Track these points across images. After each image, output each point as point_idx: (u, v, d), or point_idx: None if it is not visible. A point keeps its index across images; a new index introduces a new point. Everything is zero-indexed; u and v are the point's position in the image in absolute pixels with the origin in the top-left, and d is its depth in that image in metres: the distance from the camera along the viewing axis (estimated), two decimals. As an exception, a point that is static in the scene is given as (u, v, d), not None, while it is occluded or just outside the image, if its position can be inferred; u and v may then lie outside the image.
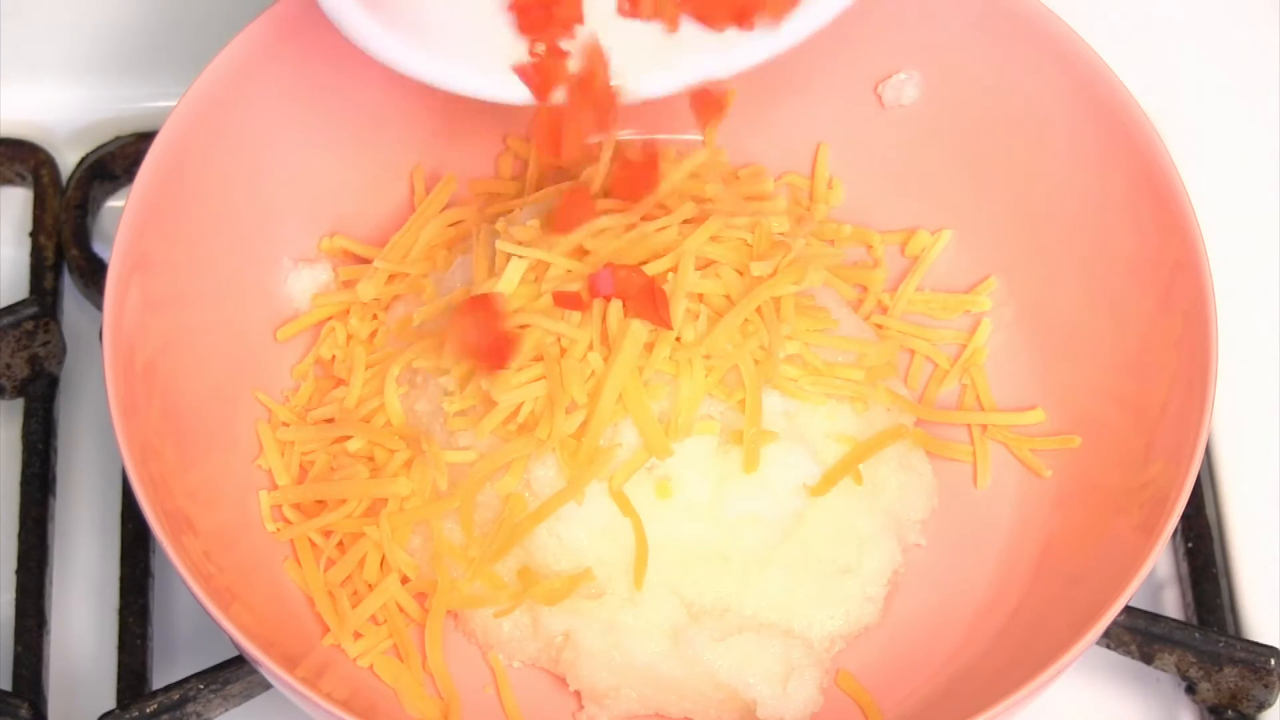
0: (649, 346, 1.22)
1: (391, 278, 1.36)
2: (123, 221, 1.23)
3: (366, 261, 1.37)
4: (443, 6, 1.12)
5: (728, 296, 1.25)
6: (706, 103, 1.22)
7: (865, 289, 1.39)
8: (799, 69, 1.39)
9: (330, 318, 1.36)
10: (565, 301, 1.23)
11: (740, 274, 1.26)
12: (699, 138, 1.37)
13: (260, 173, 1.33)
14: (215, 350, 1.31)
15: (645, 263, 1.24)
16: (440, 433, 1.26)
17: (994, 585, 1.30)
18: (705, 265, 1.26)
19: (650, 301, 1.23)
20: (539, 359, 1.23)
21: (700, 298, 1.25)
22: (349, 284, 1.37)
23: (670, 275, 1.24)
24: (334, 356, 1.35)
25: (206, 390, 1.30)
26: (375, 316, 1.36)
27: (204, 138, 1.28)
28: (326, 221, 1.38)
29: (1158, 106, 1.33)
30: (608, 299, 1.23)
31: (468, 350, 1.22)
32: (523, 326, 1.22)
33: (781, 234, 1.29)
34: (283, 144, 1.34)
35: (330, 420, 1.31)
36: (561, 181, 1.33)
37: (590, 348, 1.22)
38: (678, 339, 1.23)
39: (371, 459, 1.29)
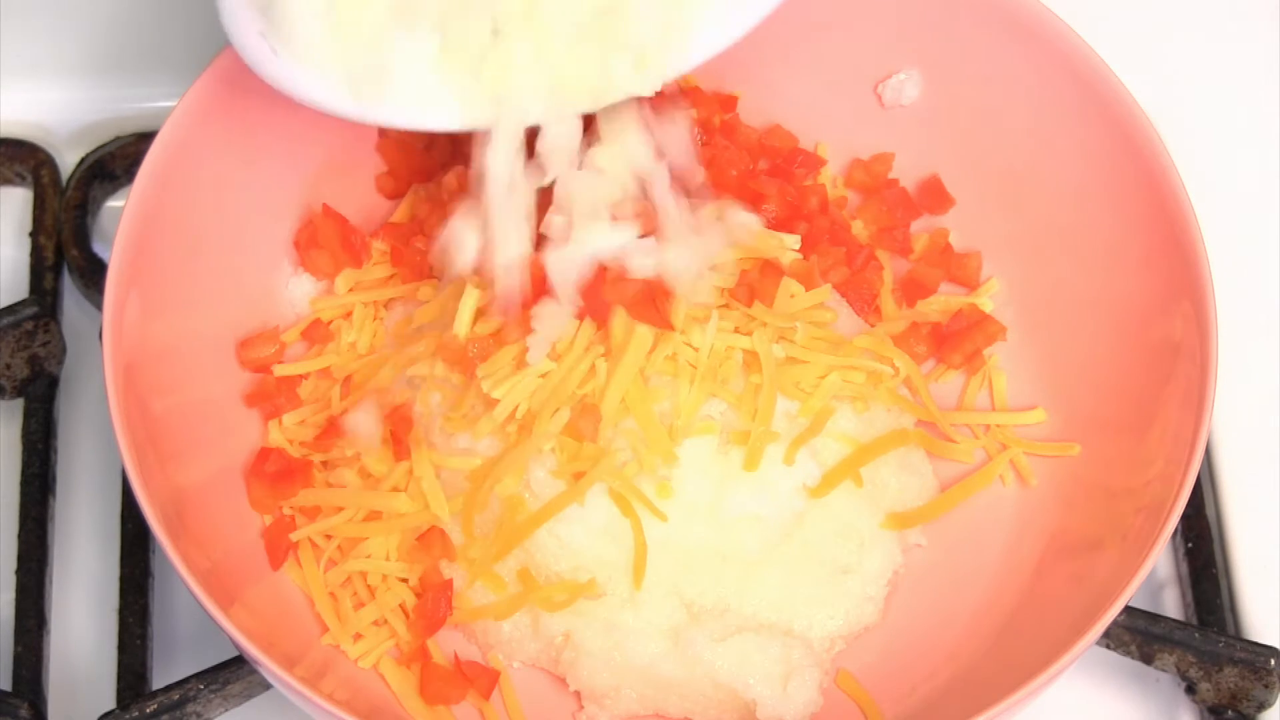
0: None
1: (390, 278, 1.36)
2: (122, 222, 1.23)
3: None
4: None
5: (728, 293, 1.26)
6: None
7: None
8: (799, 68, 1.40)
9: (330, 320, 1.36)
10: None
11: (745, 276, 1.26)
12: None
13: (260, 174, 1.33)
14: (215, 351, 1.31)
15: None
16: (439, 434, 1.26)
17: (994, 585, 1.30)
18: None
19: (650, 302, 1.23)
20: (538, 358, 1.23)
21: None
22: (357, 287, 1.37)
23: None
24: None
25: (206, 391, 1.30)
26: (376, 317, 1.35)
27: (204, 138, 1.28)
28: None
29: (1158, 106, 1.33)
30: (608, 308, 1.23)
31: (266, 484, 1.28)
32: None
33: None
34: (283, 145, 1.34)
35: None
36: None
37: (588, 348, 1.23)
38: (687, 343, 1.23)
39: (359, 458, 1.29)
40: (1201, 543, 1.37)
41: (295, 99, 1.16)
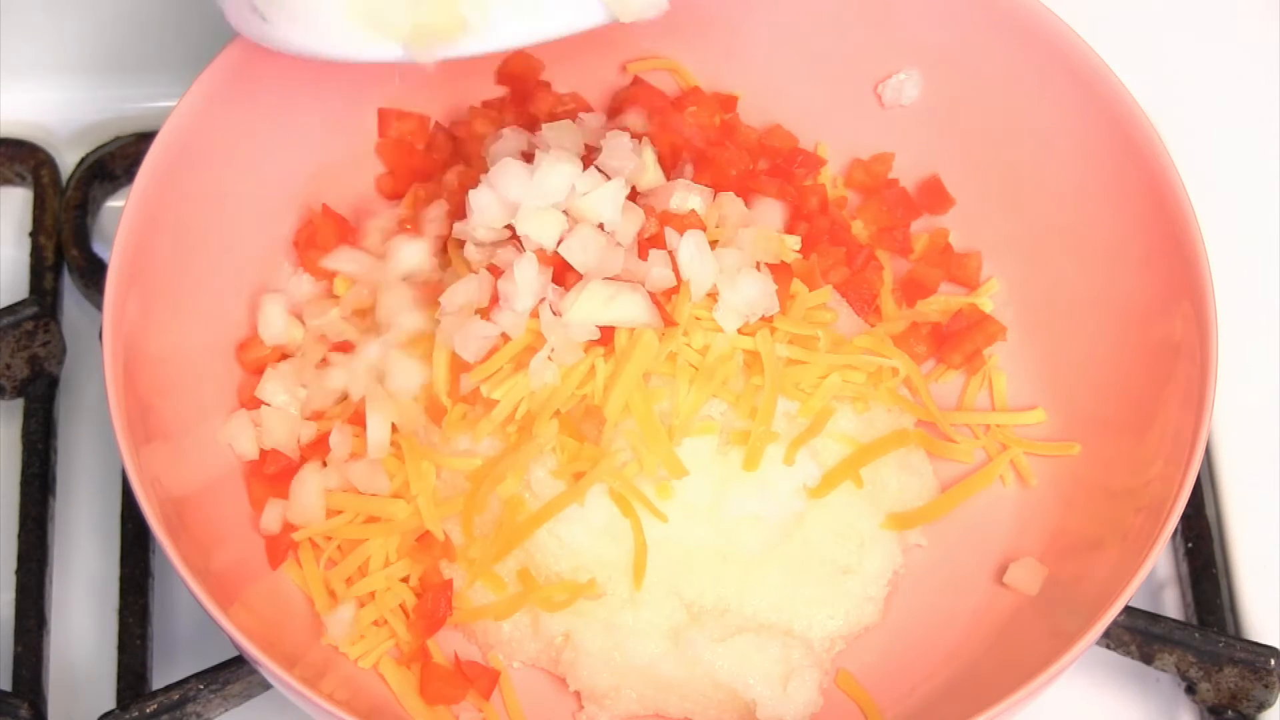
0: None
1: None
2: (122, 222, 1.23)
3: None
4: None
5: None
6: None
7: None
8: (799, 68, 1.40)
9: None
10: None
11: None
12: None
13: (259, 174, 1.33)
14: (215, 351, 1.31)
15: None
16: (439, 435, 1.26)
17: (994, 585, 1.30)
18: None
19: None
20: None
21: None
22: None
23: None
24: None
25: (206, 391, 1.29)
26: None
27: (204, 138, 1.28)
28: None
29: (1158, 106, 1.33)
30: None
31: None
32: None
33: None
34: (282, 145, 1.34)
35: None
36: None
37: (588, 349, 1.23)
38: (689, 344, 1.24)
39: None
40: (1201, 543, 1.37)
41: (295, 54, 1.16)
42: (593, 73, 1.41)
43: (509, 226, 1.25)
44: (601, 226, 1.25)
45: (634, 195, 1.27)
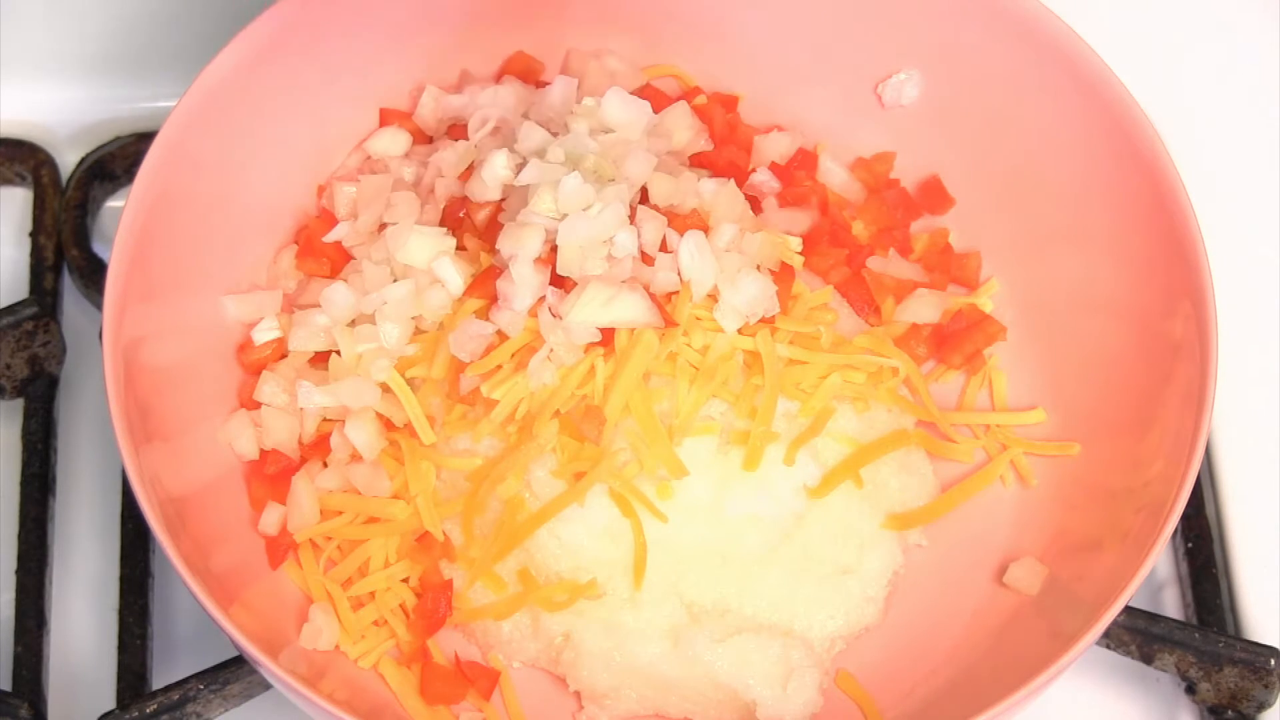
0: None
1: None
2: (123, 222, 1.23)
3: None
4: None
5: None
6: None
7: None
8: (799, 68, 1.40)
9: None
10: None
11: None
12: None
13: (259, 172, 1.33)
14: (214, 351, 1.31)
15: None
16: (439, 434, 1.26)
17: (994, 585, 1.30)
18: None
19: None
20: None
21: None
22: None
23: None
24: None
25: (206, 391, 1.29)
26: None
27: (204, 138, 1.28)
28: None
29: (1158, 106, 1.33)
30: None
31: None
32: None
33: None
34: (282, 143, 1.34)
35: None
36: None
37: (588, 349, 1.23)
38: (688, 344, 1.24)
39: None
40: (1201, 543, 1.37)
41: None
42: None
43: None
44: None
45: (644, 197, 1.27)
